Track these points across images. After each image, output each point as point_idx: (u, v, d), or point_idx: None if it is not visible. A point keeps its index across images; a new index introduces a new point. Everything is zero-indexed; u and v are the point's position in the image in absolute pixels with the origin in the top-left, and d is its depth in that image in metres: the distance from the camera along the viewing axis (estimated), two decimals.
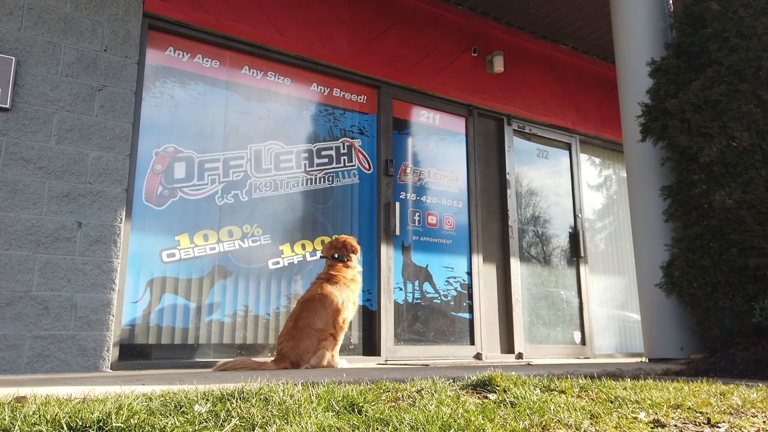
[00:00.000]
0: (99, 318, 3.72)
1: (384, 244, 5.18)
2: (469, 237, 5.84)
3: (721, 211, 3.79)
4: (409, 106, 5.77)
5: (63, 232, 3.71)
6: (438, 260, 5.70)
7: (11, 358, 3.45)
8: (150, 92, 4.35)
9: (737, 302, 3.76)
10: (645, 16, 4.68)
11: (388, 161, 5.38)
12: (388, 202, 5.30)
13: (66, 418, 1.48)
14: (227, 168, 4.57)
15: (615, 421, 1.84)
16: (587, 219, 6.70)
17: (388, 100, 5.55)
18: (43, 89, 3.81)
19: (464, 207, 5.95)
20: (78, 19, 4.01)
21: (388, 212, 5.26)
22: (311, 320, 3.85)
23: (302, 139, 4.99)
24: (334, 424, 1.58)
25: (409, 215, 5.60)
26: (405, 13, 5.76)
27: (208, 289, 4.35)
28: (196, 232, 4.36)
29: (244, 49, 4.78)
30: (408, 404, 1.94)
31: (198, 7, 4.58)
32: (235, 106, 4.72)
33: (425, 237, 5.60)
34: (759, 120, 3.73)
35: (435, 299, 5.81)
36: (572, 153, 6.78)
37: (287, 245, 4.73)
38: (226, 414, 1.63)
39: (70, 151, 3.82)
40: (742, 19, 3.86)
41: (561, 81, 6.85)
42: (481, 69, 6.19)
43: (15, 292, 3.52)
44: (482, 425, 1.63)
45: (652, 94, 4.34)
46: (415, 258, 5.65)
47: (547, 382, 2.47)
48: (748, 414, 2.08)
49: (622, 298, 6.80)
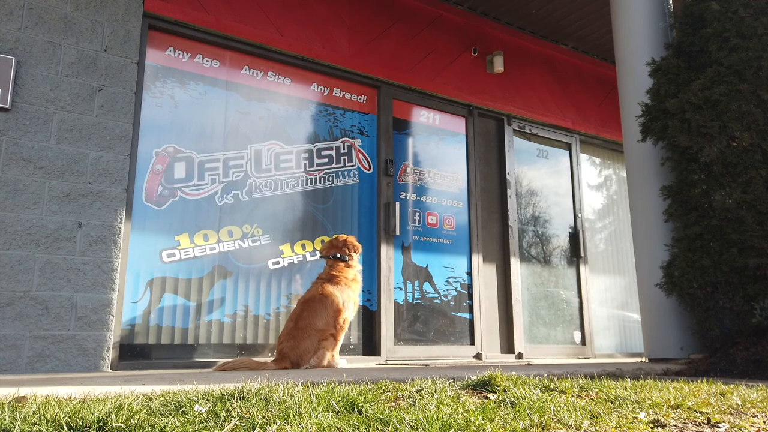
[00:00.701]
0: (99, 318, 3.72)
1: (384, 244, 5.18)
2: (469, 237, 5.84)
3: (721, 211, 3.79)
4: (410, 106, 5.77)
5: (63, 232, 3.71)
6: (438, 260, 5.70)
7: (11, 358, 3.45)
8: (150, 92, 4.35)
9: (737, 302, 3.76)
10: (645, 16, 4.68)
11: (388, 161, 5.38)
12: (388, 202, 5.29)
13: (66, 418, 1.48)
14: (227, 168, 4.57)
15: (615, 421, 1.84)
16: (587, 219, 6.70)
17: (388, 100, 5.55)
18: (43, 89, 3.81)
19: (464, 207, 5.94)
20: (78, 19, 4.01)
21: (388, 212, 5.26)
22: (312, 320, 3.85)
23: (302, 139, 4.99)
24: (334, 424, 1.58)
25: (409, 215, 5.60)
26: (405, 13, 5.76)
27: (208, 289, 4.35)
28: (196, 232, 4.36)
29: (244, 49, 4.78)
30: (408, 404, 1.94)
31: (198, 7, 4.58)
32: (235, 106, 4.72)
33: (425, 237, 5.60)
34: (759, 120, 3.73)
35: (435, 299, 5.81)
36: (572, 153, 6.78)
37: (287, 245, 4.73)
38: (226, 414, 1.63)
39: (70, 151, 3.82)
40: (742, 19, 3.86)
41: (561, 81, 6.85)
42: (481, 69, 6.19)
43: (15, 292, 3.52)
44: (482, 425, 1.63)
45: (652, 94, 4.34)
46: (415, 258, 5.65)
47: (547, 382, 2.47)
48: (748, 414, 2.08)
49: (622, 298, 6.80)
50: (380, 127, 5.39)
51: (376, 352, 4.93)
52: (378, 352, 4.92)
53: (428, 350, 5.43)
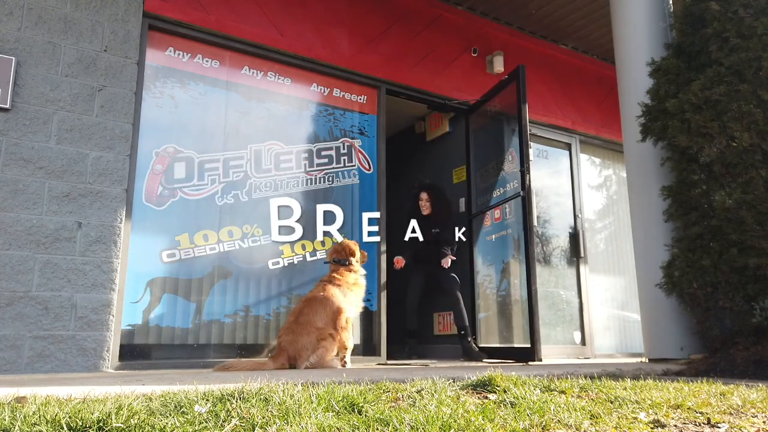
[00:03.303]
0: (99, 318, 3.72)
1: (384, 244, 5.18)
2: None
3: (721, 211, 3.79)
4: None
5: (63, 232, 3.71)
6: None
7: (11, 358, 3.45)
8: (150, 92, 4.35)
9: (737, 302, 3.76)
10: (645, 16, 4.68)
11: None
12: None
13: (66, 418, 1.48)
14: (227, 168, 4.57)
15: (615, 422, 1.84)
16: (587, 219, 6.70)
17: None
18: (43, 89, 3.81)
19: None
20: (78, 20, 4.01)
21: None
22: (312, 318, 3.89)
23: (302, 139, 4.99)
24: (334, 424, 1.58)
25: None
26: (405, 13, 5.76)
27: (208, 289, 4.35)
28: (196, 232, 4.35)
29: (244, 49, 4.78)
30: (408, 404, 1.94)
31: (198, 7, 4.58)
32: (235, 106, 4.72)
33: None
34: (759, 120, 3.72)
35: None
36: (572, 153, 6.78)
37: (287, 245, 4.73)
38: (226, 414, 1.63)
39: (70, 151, 3.82)
40: (742, 19, 3.86)
41: (561, 81, 6.84)
42: (481, 69, 6.18)
43: (15, 292, 3.52)
44: (482, 425, 1.63)
45: (652, 94, 4.34)
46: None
47: (547, 383, 2.47)
48: (748, 414, 2.08)
49: (622, 298, 6.80)
50: (380, 127, 5.38)
51: (376, 352, 4.93)
52: (378, 352, 4.92)
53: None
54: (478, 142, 5.86)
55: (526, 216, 4.77)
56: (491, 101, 5.59)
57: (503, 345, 5.17)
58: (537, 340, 4.52)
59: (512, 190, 5.09)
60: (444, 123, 6.52)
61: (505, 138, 5.38)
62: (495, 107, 5.58)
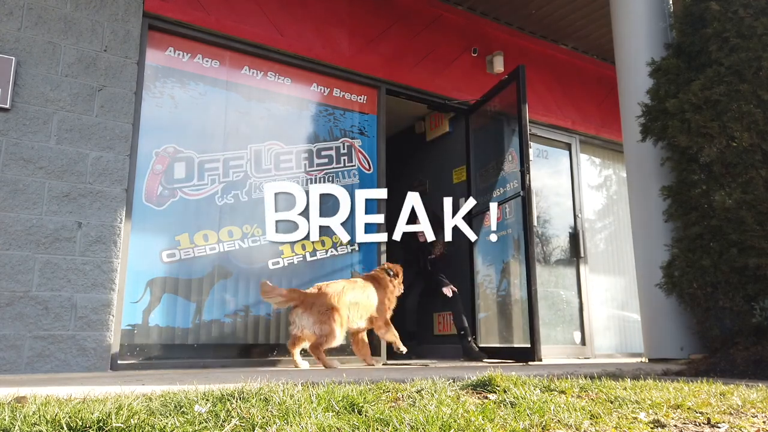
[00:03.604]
0: (99, 318, 3.72)
1: (384, 244, 5.17)
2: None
3: (721, 211, 3.79)
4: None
5: (63, 232, 3.71)
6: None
7: (11, 358, 3.45)
8: (150, 92, 4.35)
9: (737, 302, 3.76)
10: (645, 16, 4.68)
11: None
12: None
13: (66, 418, 1.48)
14: (227, 168, 4.57)
15: (615, 422, 1.84)
16: (587, 219, 6.69)
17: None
18: (43, 89, 3.81)
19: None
20: (78, 19, 4.01)
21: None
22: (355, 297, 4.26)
23: (302, 139, 4.99)
24: (334, 424, 1.58)
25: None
26: (405, 13, 5.76)
27: (208, 289, 4.35)
28: (196, 232, 4.35)
29: (244, 49, 4.78)
30: (408, 404, 1.94)
31: (198, 7, 4.58)
32: (235, 106, 4.71)
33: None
34: (759, 120, 3.72)
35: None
36: (572, 153, 6.77)
37: (287, 245, 4.72)
38: (226, 414, 1.63)
39: (70, 151, 3.82)
40: (742, 19, 3.86)
41: (561, 81, 6.84)
42: (481, 69, 6.18)
43: (15, 292, 3.52)
44: (482, 425, 1.63)
45: (652, 94, 4.34)
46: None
47: (547, 383, 2.47)
48: (748, 414, 2.08)
49: (622, 298, 6.79)
50: (380, 127, 5.38)
51: (376, 352, 4.92)
52: (378, 352, 4.91)
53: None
54: (478, 142, 5.86)
55: (526, 216, 4.77)
56: (491, 101, 5.60)
57: (503, 345, 5.17)
58: (537, 340, 4.52)
59: (512, 190, 5.09)
60: (444, 123, 6.52)
61: (505, 138, 5.38)
62: (495, 107, 5.58)
